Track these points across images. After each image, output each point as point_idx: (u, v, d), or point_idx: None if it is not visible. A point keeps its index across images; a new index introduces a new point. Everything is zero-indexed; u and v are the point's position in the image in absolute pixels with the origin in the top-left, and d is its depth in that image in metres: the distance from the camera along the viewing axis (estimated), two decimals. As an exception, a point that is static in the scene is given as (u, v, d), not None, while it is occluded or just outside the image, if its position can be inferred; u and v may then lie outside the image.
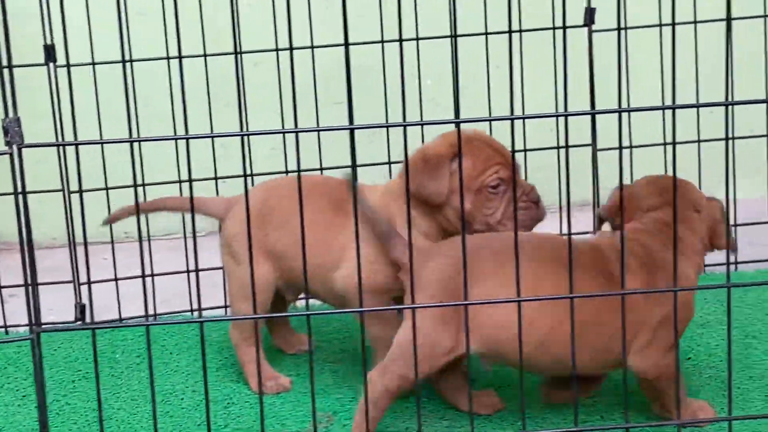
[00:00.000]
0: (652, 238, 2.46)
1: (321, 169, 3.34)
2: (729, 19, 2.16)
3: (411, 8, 3.36)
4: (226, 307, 3.24)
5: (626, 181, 3.28)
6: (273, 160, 3.69)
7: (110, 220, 3.01)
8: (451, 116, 3.43)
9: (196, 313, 3.25)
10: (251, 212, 2.71)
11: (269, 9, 3.32)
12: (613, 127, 3.23)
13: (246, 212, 2.18)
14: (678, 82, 2.18)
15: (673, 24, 2.19)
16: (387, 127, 2.23)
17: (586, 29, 3.22)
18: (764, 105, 3.19)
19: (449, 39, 3.27)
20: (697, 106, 2.23)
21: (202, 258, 3.56)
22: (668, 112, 3.44)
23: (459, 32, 3.34)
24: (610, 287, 2.36)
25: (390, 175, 3.35)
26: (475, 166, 2.52)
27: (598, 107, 3.12)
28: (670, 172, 3.13)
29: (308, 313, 2.29)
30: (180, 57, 2.17)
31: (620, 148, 2.27)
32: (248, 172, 3.31)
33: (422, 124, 2.18)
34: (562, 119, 3.05)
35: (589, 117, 2.35)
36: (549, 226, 2.77)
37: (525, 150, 3.37)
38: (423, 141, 3.34)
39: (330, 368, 2.89)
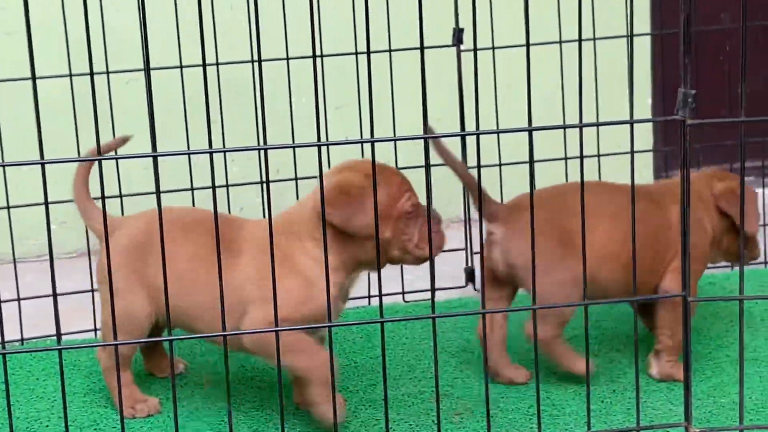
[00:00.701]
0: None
1: (192, 189, 3.32)
2: (580, 40, 2.21)
3: (281, 27, 3.37)
4: (95, 330, 3.20)
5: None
6: (148, 179, 3.66)
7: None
8: (326, 135, 3.45)
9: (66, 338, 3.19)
10: (131, 241, 2.67)
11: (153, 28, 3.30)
12: (489, 146, 3.29)
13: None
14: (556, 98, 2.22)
15: (528, 45, 2.22)
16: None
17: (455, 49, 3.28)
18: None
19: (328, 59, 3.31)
20: (553, 128, 2.28)
21: (72, 280, 3.52)
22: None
23: (331, 52, 3.38)
24: (652, 207, 2.77)
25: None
26: (391, 194, 2.56)
27: (476, 125, 3.16)
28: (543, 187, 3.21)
29: (171, 338, 2.27)
30: (34, 78, 2.14)
31: (479, 166, 2.30)
32: (117, 193, 3.28)
33: (280, 147, 2.18)
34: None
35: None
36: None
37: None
38: (295, 160, 3.36)
39: (200, 391, 2.87)
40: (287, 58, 3.34)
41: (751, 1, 2.31)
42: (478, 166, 2.33)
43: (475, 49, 2.34)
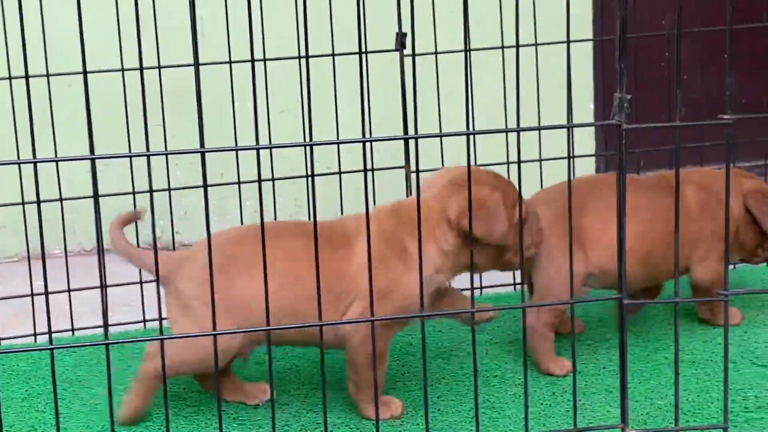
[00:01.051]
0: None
1: (133, 192, 3.30)
2: (518, 46, 2.23)
3: (223, 31, 3.36)
4: (35, 335, 3.18)
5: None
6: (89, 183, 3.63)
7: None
8: (265, 140, 3.44)
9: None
10: (205, 268, 2.48)
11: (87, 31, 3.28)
12: (431, 150, 3.32)
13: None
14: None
15: (467, 50, 2.24)
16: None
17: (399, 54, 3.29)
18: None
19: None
20: (492, 131, 2.30)
21: (12, 284, 3.49)
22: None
23: (275, 55, 3.38)
24: (670, 199, 2.84)
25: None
26: (511, 203, 2.69)
27: (414, 128, 3.17)
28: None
29: (107, 342, 2.25)
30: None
31: (417, 171, 2.32)
32: (57, 197, 3.26)
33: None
34: (376, 142, 3.10)
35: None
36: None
37: (339, 173, 3.41)
38: (238, 164, 3.35)
39: (140, 395, 2.86)
40: (230, 62, 3.33)
41: (689, 7, 2.34)
42: (417, 171, 2.33)
43: (414, 54, 2.35)
